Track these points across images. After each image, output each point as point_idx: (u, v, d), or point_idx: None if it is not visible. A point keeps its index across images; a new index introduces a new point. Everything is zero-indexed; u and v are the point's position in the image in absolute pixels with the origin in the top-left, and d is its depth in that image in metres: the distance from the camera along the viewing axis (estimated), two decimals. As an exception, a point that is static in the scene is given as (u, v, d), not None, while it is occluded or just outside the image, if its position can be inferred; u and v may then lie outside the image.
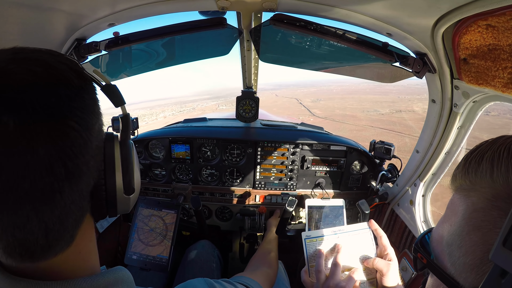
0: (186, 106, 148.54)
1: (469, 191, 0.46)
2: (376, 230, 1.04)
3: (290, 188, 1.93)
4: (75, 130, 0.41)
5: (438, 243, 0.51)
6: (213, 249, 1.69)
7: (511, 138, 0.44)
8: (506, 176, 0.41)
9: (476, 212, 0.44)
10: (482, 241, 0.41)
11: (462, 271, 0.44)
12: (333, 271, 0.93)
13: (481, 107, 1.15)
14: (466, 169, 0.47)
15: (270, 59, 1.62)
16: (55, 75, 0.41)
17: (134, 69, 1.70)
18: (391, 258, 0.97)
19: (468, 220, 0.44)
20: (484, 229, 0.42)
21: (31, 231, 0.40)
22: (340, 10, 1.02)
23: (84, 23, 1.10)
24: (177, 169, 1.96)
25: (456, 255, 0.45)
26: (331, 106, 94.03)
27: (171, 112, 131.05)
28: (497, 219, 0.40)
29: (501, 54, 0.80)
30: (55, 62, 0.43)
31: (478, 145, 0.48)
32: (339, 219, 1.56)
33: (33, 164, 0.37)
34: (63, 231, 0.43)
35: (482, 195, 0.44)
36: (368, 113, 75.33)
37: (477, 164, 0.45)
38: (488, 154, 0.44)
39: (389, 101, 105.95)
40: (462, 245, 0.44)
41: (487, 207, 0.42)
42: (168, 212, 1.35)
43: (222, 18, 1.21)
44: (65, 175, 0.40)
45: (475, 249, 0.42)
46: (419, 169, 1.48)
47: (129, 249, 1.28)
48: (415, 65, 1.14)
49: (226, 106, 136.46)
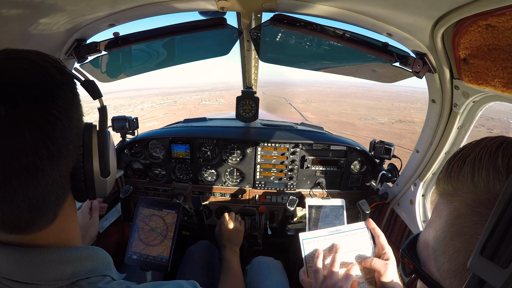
0: (167, 98, 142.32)
1: (451, 196, 0.45)
2: (374, 229, 1.04)
3: (290, 188, 1.94)
4: (56, 117, 0.48)
5: (424, 248, 0.50)
6: (214, 249, 1.69)
7: (494, 140, 0.43)
8: (486, 181, 0.40)
9: (458, 218, 0.43)
10: (464, 248, 0.41)
11: (446, 277, 0.44)
12: (331, 271, 0.93)
13: (481, 107, 1.15)
14: (448, 173, 0.46)
15: (270, 59, 1.62)
16: (41, 72, 0.48)
17: (134, 70, 1.70)
18: (389, 257, 0.97)
19: (450, 226, 0.44)
20: (466, 236, 0.41)
21: (17, 205, 0.46)
22: (340, 10, 1.02)
23: (84, 23, 1.10)
24: (177, 169, 1.96)
25: (441, 260, 0.45)
26: (324, 110, 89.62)
27: (151, 104, 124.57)
28: (478, 225, 0.40)
29: (501, 54, 0.80)
30: (41, 61, 0.50)
31: (462, 148, 0.47)
32: (339, 219, 1.57)
33: (20, 144, 0.44)
34: (45, 208, 0.50)
35: (463, 200, 0.43)
36: (366, 121, 72.08)
37: (459, 168, 0.44)
38: (470, 158, 0.43)
39: (385, 108, 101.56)
40: (446, 251, 0.44)
41: (468, 213, 0.42)
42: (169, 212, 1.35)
43: (222, 18, 1.21)
44: (47, 155, 0.47)
45: (458, 255, 0.42)
46: (419, 169, 1.48)
47: (129, 248, 1.28)
48: (415, 65, 1.14)
49: (209, 102, 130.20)
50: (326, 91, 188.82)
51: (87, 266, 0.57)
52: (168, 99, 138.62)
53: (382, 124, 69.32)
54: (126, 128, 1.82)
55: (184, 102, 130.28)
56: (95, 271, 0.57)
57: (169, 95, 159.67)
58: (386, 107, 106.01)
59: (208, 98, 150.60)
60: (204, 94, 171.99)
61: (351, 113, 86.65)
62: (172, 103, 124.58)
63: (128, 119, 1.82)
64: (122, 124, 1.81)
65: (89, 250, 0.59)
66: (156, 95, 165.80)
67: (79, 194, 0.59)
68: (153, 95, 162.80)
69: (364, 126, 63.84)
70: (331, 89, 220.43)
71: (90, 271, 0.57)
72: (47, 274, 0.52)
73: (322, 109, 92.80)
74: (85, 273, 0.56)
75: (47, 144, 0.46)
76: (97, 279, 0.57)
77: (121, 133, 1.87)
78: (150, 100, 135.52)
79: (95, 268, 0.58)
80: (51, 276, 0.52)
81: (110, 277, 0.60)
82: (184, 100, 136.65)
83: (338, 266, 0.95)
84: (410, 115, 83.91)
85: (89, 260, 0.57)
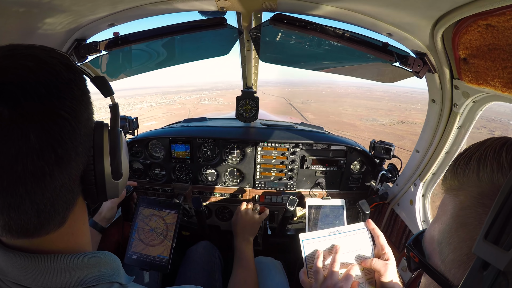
0: (167, 97, 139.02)
1: (457, 191, 0.48)
2: (374, 230, 1.05)
3: (290, 188, 1.94)
4: (64, 118, 0.45)
5: (430, 243, 0.52)
6: (214, 249, 1.69)
7: (498, 140, 0.46)
8: (491, 175, 0.43)
9: (463, 210, 0.46)
10: (469, 237, 0.43)
11: (451, 268, 0.46)
12: (331, 271, 0.94)
13: (481, 107, 1.15)
14: (455, 169, 0.49)
15: (270, 59, 1.62)
16: (46, 69, 0.45)
17: (134, 69, 1.70)
18: (389, 258, 0.98)
19: (456, 218, 0.46)
20: (470, 226, 0.44)
21: (25, 211, 0.44)
22: (340, 10, 1.02)
23: (84, 23, 1.10)
24: (177, 169, 1.96)
25: (446, 252, 0.47)
26: (324, 110, 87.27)
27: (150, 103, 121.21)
28: (482, 215, 0.42)
29: (501, 54, 0.80)
30: (46, 56, 0.47)
31: (467, 148, 0.50)
32: (339, 219, 1.56)
33: (25, 148, 0.41)
34: (53, 212, 0.48)
35: (469, 193, 0.46)
36: (368, 122, 70.09)
37: (465, 165, 0.47)
38: (475, 155, 0.46)
39: (386, 109, 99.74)
40: (451, 242, 0.46)
41: (473, 205, 0.44)
42: (169, 212, 1.35)
43: (222, 18, 1.21)
44: (54, 159, 0.44)
45: (462, 245, 0.44)
46: (419, 169, 1.48)
47: (129, 248, 1.28)
48: (415, 65, 1.14)
49: (208, 101, 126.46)
50: (326, 91, 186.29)
51: (95, 273, 0.55)
52: (167, 98, 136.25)
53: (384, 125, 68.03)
54: (126, 128, 1.82)
55: (183, 101, 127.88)
56: (102, 278, 0.56)
57: (168, 94, 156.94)
58: (387, 108, 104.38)
59: (207, 97, 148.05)
60: (204, 94, 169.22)
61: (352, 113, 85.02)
62: (171, 102, 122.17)
63: (128, 119, 1.83)
64: (122, 124, 1.81)
65: (96, 256, 0.57)
66: (155, 94, 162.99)
67: (89, 197, 0.56)
68: (152, 94, 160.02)
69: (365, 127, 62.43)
70: (331, 89, 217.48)
71: (97, 278, 0.55)
72: (53, 281, 0.50)
73: (322, 110, 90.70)
74: (92, 280, 0.54)
75: (54, 147, 0.43)
76: (104, 286, 0.55)
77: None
78: (149, 99, 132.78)
79: (102, 274, 0.56)
80: (57, 283, 0.51)
81: (118, 283, 0.58)
82: (183, 100, 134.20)
83: (338, 267, 0.95)
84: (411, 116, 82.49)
85: (96, 266, 0.56)
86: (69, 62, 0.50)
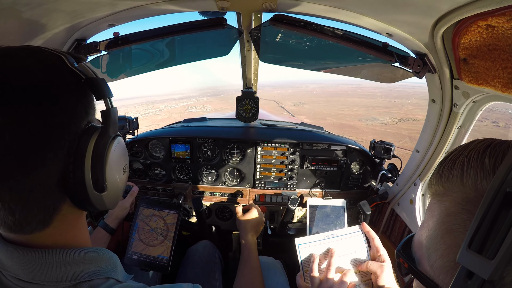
0: (153, 107, 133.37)
1: (442, 196, 0.47)
2: (368, 233, 1.06)
3: (290, 188, 1.94)
4: (47, 121, 0.45)
5: (418, 248, 0.52)
6: (214, 249, 1.69)
7: (482, 142, 0.45)
8: (474, 180, 0.42)
9: (449, 217, 0.45)
10: (454, 244, 0.43)
11: (439, 273, 0.45)
12: (326, 275, 0.94)
13: (481, 107, 1.15)
14: (439, 174, 0.48)
15: (270, 60, 1.62)
16: (35, 72, 0.46)
17: (134, 70, 1.70)
18: (384, 259, 0.98)
19: (441, 224, 0.46)
20: (456, 232, 0.43)
21: (2, 208, 0.46)
22: (340, 10, 1.02)
23: (84, 23, 1.10)
24: (177, 168, 1.96)
25: (433, 258, 0.46)
26: (319, 112, 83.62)
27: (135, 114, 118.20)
28: (467, 222, 0.41)
29: (501, 54, 0.80)
30: (40, 57, 0.48)
31: (452, 151, 0.49)
32: (340, 219, 1.57)
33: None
34: (27, 214, 0.48)
35: (454, 199, 0.45)
36: (368, 122, 66.80)
37: (449, 170, 0.46)
38: (459, 159, 0.45)
39: (382, 106, 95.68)
40: (438, 249, 0.45)
41: (458, 211, 0.43)
42: (169, 212, 1.35)
43: (222, 18, 1.21)
44: (26, 162, 0.44)
45: (449, 251, 0.43)
46: (419, 169, 1.49)
47: (129, 248, 1.28)
48: (415, 65, 1.15)
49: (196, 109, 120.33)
50: (317, 91, 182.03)
51: (90, 268, 0.55)
52: (153, 108, 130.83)
53: (386, 124, 65.48)
54: (126, 128, 1.82)
55: (170, 110, 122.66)
56: (98, 273, 0.56)
57: (154, 104, 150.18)
58: (383, 105, 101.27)
59: (194, 105, 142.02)
60: (191, 101, 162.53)
61: (349, 113, 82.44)
62: (157, 113, 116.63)
63: (128, 119, 1.83)
64: (122, 124, 1.81)
65: (93, 252, 0.57)
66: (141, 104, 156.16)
67: (77, 205, 0.55)
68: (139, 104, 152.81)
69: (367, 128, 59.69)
70: (321, 88, 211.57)
71: (93, 273, 0.55)
72: (49, 275, 0.51)
73: (317, 111, 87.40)
74: (88, 275, 0.55)
75: (28, 150, 0.44)
76: (99, 282, 0.56)
77: (121, 133, 1.87)
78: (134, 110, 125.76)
79: (98, 270, 0.57)
80: (53, 277, 0.52)
81: (114, 279, 0.59)
82: (170, 109, 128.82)
83: (334, 270, 0.96)
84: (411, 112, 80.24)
85: (92, 262, 0.56)
86: (63, 63, 0.50)
